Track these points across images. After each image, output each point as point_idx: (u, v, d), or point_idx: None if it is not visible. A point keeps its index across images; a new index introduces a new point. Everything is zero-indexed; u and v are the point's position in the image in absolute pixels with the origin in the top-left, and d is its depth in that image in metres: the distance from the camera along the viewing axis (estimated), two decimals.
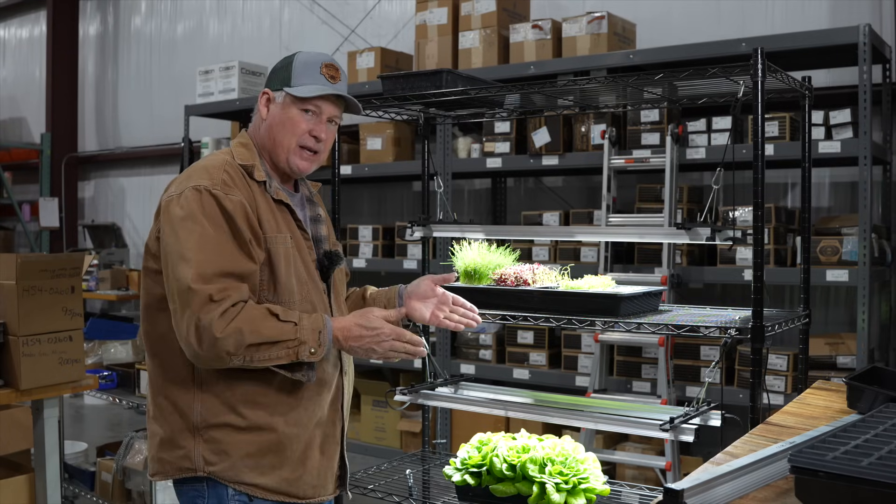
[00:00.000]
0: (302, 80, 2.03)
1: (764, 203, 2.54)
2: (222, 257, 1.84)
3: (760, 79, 2.48)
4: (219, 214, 1.87)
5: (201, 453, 1.92)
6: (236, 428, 1.92)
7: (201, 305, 1.80)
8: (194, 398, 1.93)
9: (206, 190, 1.88)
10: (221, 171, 1.94)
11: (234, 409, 1.92)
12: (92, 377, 3.61)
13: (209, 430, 1.92)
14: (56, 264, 3.31)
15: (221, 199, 1.88)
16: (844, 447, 1.27)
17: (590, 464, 2.56)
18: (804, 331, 3.02)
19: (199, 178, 1.91)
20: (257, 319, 1.82)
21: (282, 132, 2.04)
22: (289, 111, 2.04)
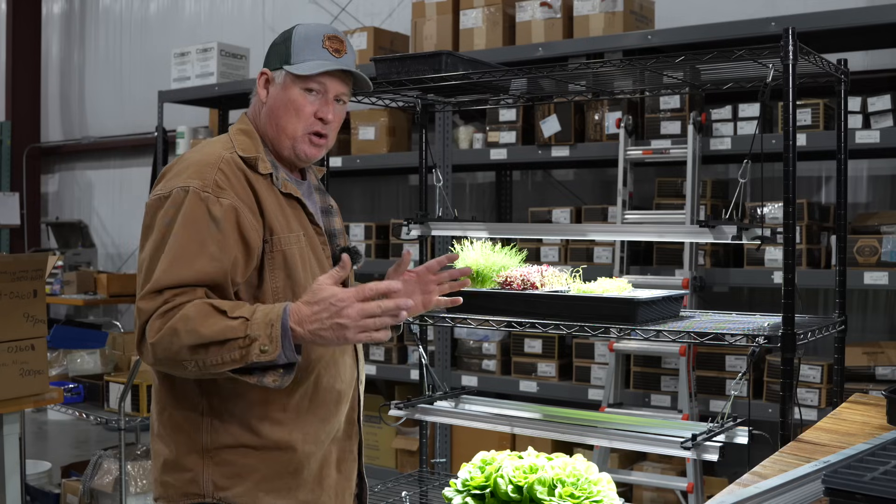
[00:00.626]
0: (303, 56, 1.98)
1: (795, 198, 2.54)
2: (182, 270, 1.79)
3: (792, 62, 2.48)
4: (204, 219, 1.82)
5: (210, 477, 1.90)
6: (252, 448, 1.90)
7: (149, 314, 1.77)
8: (203, 416, 1.90)
9: (196, 192, 1.84)
10: (215, 169, 1.88)
11: (249, 428, 1.90)
12: (56, 390, 3.61)
13: (221, 451, 1.90)
14: (16, 266, 3.31)
15: (210, 204, 1.83)
16: (884, 467, 1.27)
17: (604, 485, 2.56)
18: (840, 339, 3.02)
19: (189, 177, 1.86)
20: (195, 317, 1.72)
21: (285, 117, 1.99)
22: (290, 92, 1.98)
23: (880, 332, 4.68)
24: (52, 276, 7.45)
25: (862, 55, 4.68)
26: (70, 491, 4.55)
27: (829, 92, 3.80)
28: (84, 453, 6.02)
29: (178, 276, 1.78)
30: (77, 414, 4.43)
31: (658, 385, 4.53)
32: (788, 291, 2.53)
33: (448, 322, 3.02)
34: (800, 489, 1.39)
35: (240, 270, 1.86)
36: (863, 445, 1.60)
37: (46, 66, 9.58)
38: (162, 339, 1.74)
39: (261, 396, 1.89)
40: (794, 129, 2.53)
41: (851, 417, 2.03)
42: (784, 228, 2.55)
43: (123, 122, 8.70)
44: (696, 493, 3.95)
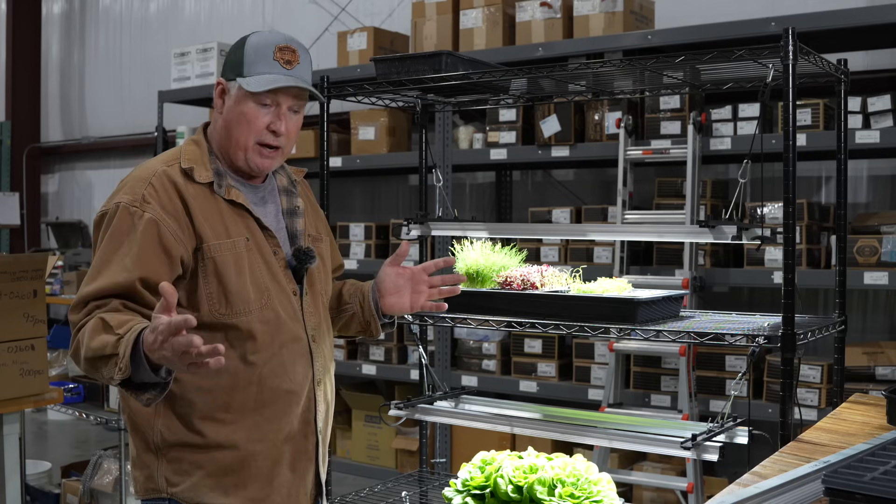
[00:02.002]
0: (254, 69, 2.00)
1: (795, 198, 2.54)
2: (107, 278, 1.88)
3: (792, 62, 2.48)
4: (127, 231, 1.91)
5: (163, 473, 1.99)
6: (195, 447, 1.97)
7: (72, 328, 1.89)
8: (154, 416, 1.98)
9: (125, 207, 1.93)
10: (146, 184, 1.96)
11: (192, 427, 1.97)
12: (56, 390, 3.61)
13: (170, 449, 1.98)
14: (16, 266, 3.31)
15: (135, 218, 1.92)
16: (884, 467, 1.27)
17: (604, 485, 2.56)
18: (840, 339, 3.02)
19: (122, 194, 1.97)
20: (90, 331, 1.81)
21: (237, 129, 2.02)
22: (242, 106, 2.01)
23: (880, 332, 4.68)
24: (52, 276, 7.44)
25: (862, 55, 4.68)
26: (70, 491, 4.55)
27: (829, 92, 3.80)
28: (84, 453, 6.02)
29: (96, 287, 1.88)
30: (77, 414, 4.44)
31: (658, 385, 4.54)
32: (788, 291, 2.53)
33: (448, 322, 3.02)
34: (800, 489, 1.39)
35: (164, 277, 1.89)
36: (863, 445, 1.60)
37: (46, 66, 9.57)
38: (74, 352, 1.87)
39: (206, 397, 1.96)
40: (794, 129, 2.53)
41: (851, 417, 2.03)
42: (784, 228, 2.55)
43: (123, 122, 8.69)
44: (696, 493, 3.95)
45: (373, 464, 5.58)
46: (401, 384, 5.72)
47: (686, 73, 3.04)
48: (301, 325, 2.07)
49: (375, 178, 6.63)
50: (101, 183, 9.20)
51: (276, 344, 2.01)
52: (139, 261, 1.88)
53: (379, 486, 3.38)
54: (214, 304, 1.95)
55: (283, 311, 2.03)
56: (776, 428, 2.55)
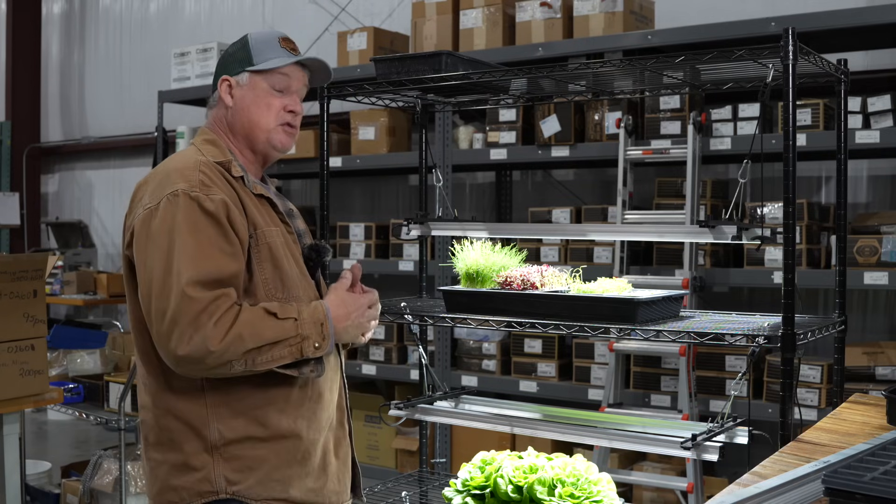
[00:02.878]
0: (265, 56, 2.08)
1: (795, 198, 2.54)
2: (207, 265, 1.85)
3: (791, 62, 2.48)
4: (201, 218, 1.89)
5: (222, 473, 1.93)
6: (260, 439, 1.95)
7: (192, 320, 1.81)
8: (208, 414, 1.94)
9: (185, 193, 1.90)
10: (197, 170, 1.95)
11: (255, 420, 1.95)
12: (56, 390, 3.61)
13: (229, 446, 1.94)
14: (16, 266, 3.31)
15: (202, 202, 1.90)
16: (884, 467, 1.27)
17: (604, 485, 2.56)
18: (840, 339, 3.02)
19: (174, 183, 1.92)
20: (256, 322, 1.85)
21: (257, 112, 2.08)
22: (258, 90, 2.08)
23: (880, 332, 4.68)
24: (52, 276, 7.45)
25: (862, 55, 4.68)
26: (70, 491, 4.55)
27: (829, 92, 3.80)
28: (84, 453, 6.02)
29: (208, 273, 1.84)
30: (77, 414, 4.44)
31: (658, 385, 4.54)
32: (788, 291, 2.53)
33: (448, 322, 3.02)
34: (800, 489, 1.39)
35: (243, 265, 1.95)
36: (863, 445, 1.60)
37: (46, 66, 9.57)
38: (229, 346, 1.82)
39: (263, 389, 1.94)
40: (794, 129, 2.53)
41: (851, 417, 2.04)
42: (784, 228, 2.55)
43: (123, 122, 8.69)
44: (696, 493, 3.95)
45: (373, 464, 5.58)
46: (401, 384, 5.71)
47: (686, 73, 3.04)
48: None
49: (375, 178, 6.63)
50: (101, 183, 9.20)
51: None
52: (234, 245, 1.91)
53: (379, 486, 3.38)
54: (271, 288, 1.98)
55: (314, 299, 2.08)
56: (776, 428, 2.55)
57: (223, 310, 1.83)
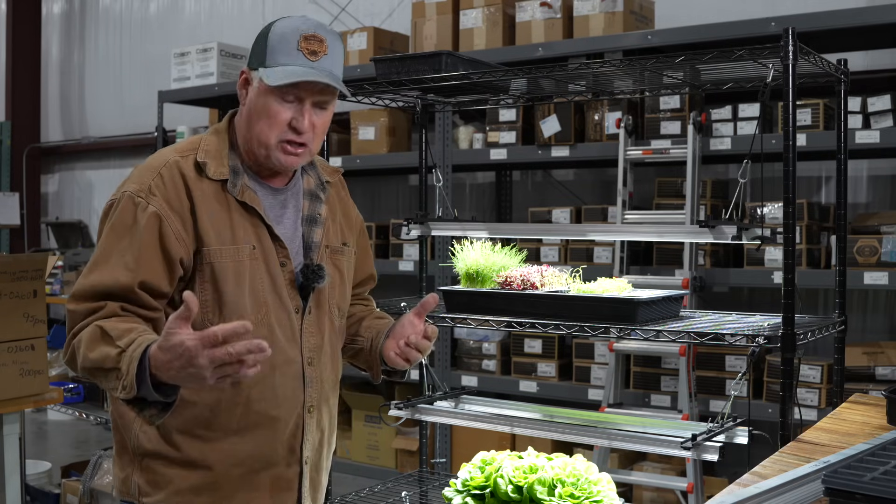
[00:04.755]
0: (277, 59, 1.85)
1: (795, 199, 2.54)
2: (101, 275, 1.80)
3: (791, 62, 2.48)
4: (130, 224, 1.82)
5: (137, 480, 1.90)
6: (169, 460, 1.88)
7: (69, 326, 1.83)
8: (133, 422, 1.89)
9: (129, 197, 1.84)
10: (155, 174, 1.85)
11: (168, 440, 1.87)
12: (56, 390, 3.61)
13: (145, 458, 1.89)
14: (16, 266, 3.30)
15: (137, 209, 1.83)
16: (884, 467, 1.27)
17: (604, 485, 2.55)
18: (840, 339, 3.02)
19: (131, 182, 1.88)
20: (88, 342, 1.73)
21: (258, 124, 1.88)
22: (263, 99, 1.87)
23: (880, 332, 4.68)
24: (52, 276, 7.44)
25: (862, 55, 4.68)
26: (70, 491, 4.55)
27: (829, 92, 3.80)
28: (84, 453, 6.01)
29: (96, 280, 1.79)
30: (77, 414, 4.44)
31: (658, 385, 4.54)
32: (788, 291, 2.53)
33: (448, 322, 3.02)
34: (800, 489, 1.39)
35: (163, 281, 1.82)
36: (863, 445, 1.60)
37: (46, 66, 9.57)
38: (69, 359, 1.80)
39: (188, 411, 1.84)
40: (794, 129, 2.53)
41: (851, 417, 2.03)
42: (784, 228, 2.55)
43: (123, 123, 8.69)
44: (696, 493, 3.95)
45: (373, 464, 5.58)
46: (401, 384, 5.71)
47: (686, 73, 3.04)
48: (297, 346, 1.94)
49: (375, 178, 6.63)
50: (101, 183, 9.20)
51: (268, 364, 1.82)
52: (141, 260, 1.78)
53: (379, 486, 3.38)
54: (207, 311, 1.83)
55: (279, 329, 1.90)
56: (776, 428, 2.55)
57: (90, 320, 1.77)
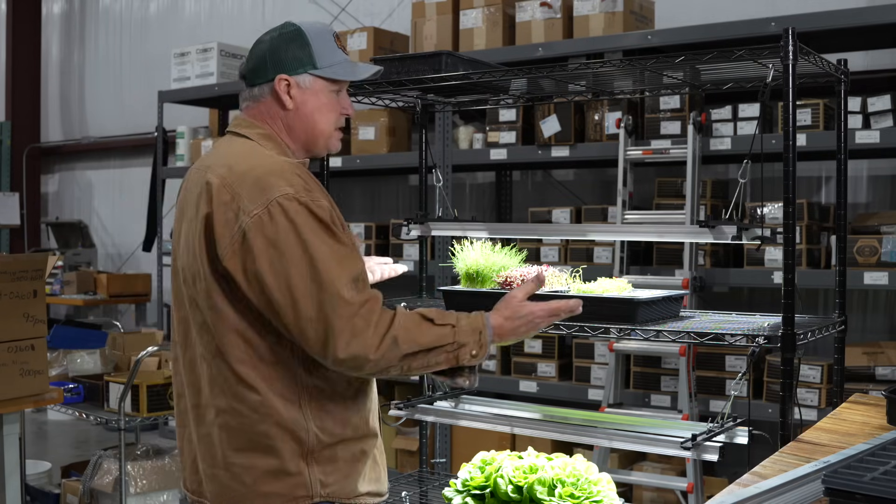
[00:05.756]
0: (327, 59, 2.04)
1: (795, 199, 2.54)
2: (349, 266, 1.83)
3: (791, 62, 2.48)
4: (318, 223, 1.85)
5: (317, 476, 1.93)
6: (350, 440, 1.97)
7: (347, 324, 1.80)
8: (306, 419, 1.92)
9: (294, 198, 1.84)
10: (293, 174, 1.89)
11: (347, 422, 1.97)
12: (56, 390, 3.61)
13: (325, 449, 1.94)
14: (16, 266, 3.31)
15: (311, 207, 1.85)
16: (884, 467, 1.27)
17: (604, 485, 2.56)
18: (840, 339, 3.02)
19: (277, 186, 1.85)
20: (412, 327, 1.86)
21: (321, 118, 2.05)
22: (322, 96, 2.04)
23: (880, 332, 4.68)
24: (52, 276, 7.45)
25: (862, 55, 4.68)
26: (70, 491, 4.55)
27: (829, 92, 3.80)
28: (84, 453, 6.02)
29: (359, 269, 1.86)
30: (77, 414, 4.43)
31: (658, 385, 4.53)
32: (788, 291, 2.53)
33: None
34: (800, 489, 1.39)
35: None
36: (863, 445, 1.60)
37: (46, 66, 9.58)
38: (386, 352, 1.82)
39: (353, 391, 1.97)
40: (794, 129, 2.53)
41: (851, 417, 2.04)
42: (784, 228, 2.55)
43: (123, 122, 8.70)
44: (696, 493, 3.95)
45: None
46: (401, 384, 5.72)
47: (686, 73, 3.04)
48: None
49: (375, 178, 6.63)
50: (100, 183, 9.20)
51: None
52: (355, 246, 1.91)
53: None
54: None
55: None
56: (776, 428, 2.55)
57: (377, 313, 1.83)
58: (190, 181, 2.02)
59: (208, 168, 1.95)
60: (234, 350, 1.91)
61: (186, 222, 1.97)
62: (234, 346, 1.91)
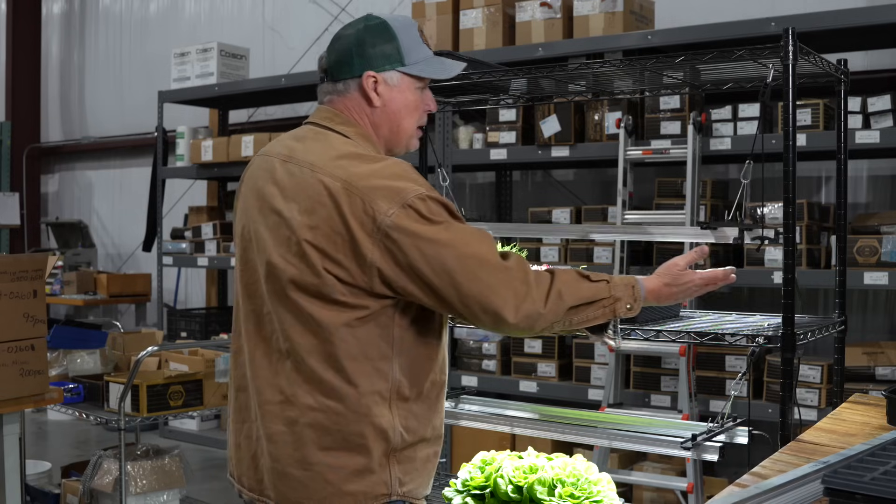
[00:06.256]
0: (415, 56, 1.99)
1: (795, 199, 2.54)
2: (487, 239, 1.89)
3: (791, 62, 2.48)
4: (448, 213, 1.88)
5: (397, 475, 1.93)
6: (427, 441, 1.98)
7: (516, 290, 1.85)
8: (394, 418, 1.91)
9: (429, 197, 1.86)
10: (413, 173, 1.91)
11: (428, 423, 1.98)
12: (56, 390, 3.61)
13: (406, 449, 1.93)
14: (16, 266, 3.31)
15: (441, 200, 1.87)
16: (884, 467, 1.27)
17: (604, 485, 2.56)
18: (840, 339, 3.02)
19: (411, 186, 1.85)
20: (571, 282, 1.92)
21: (407, 117, 2.02)
22: (409, 94, 2.00)
23: (880, 332, 4.68)
24: (52, 276, 7.45)
25: (862, 55, 4.68)
26: (70, 491, 4.55)
27: (829, 92, 3.80)
28: (84, 453, 6.01)
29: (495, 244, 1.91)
30: (77, 414, 4.44)
31: (658, 385, 4.54)
32: (788, 291, 2.53)
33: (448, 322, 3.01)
34: (800, 489, 1.39)
35: None
36: (862, 446, 1.60)
37: (46, 66, 9.58)
38: (553, 306, 1.88)
39: (436, 392, 1.98)
40: (794, 129, 2.53)
41: (851, 417, 2.04)
42: (784, 228, 2.55)
43: (123, 123, 8.70)
44: (696, 493, 3.95)
45: None
46: None
47: (686, 73, 3.04)
48: None
49: None
50: (100, 183, 9.20)
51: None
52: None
53: None
54: None
55: None
56: (776, 428, 2.55)
57: (531, 272, 1.88)
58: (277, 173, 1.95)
59: (313, 166, 1.89)
60: (336, 347, 1.88)
61: (276, 216, 1.91)
62: (339, 343, 1.88)
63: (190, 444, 6.34)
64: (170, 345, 4.76)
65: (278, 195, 1.92)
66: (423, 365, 1.95)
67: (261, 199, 1.97)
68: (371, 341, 1.89)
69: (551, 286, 1.89)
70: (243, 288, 2.01)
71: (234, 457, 2.04)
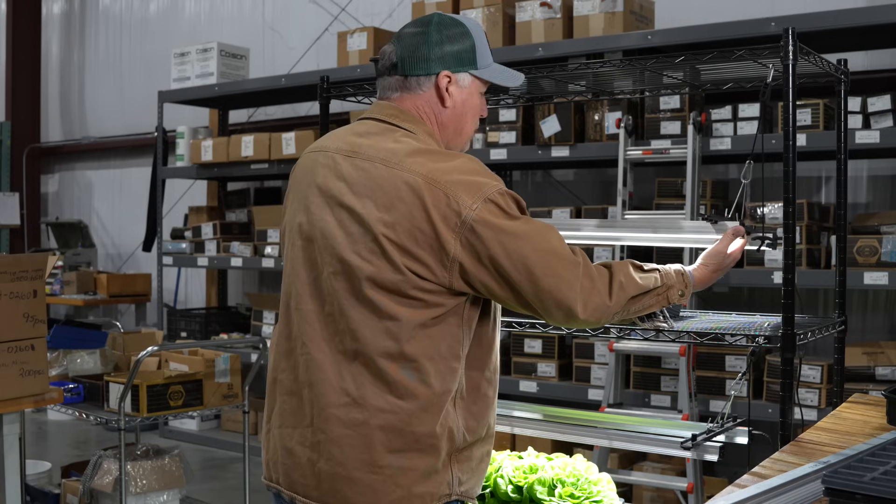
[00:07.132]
0: (485, 60, 2.02)
1: (795, 199, 2.54)
2: (557, 234, 1.92)
3: (791, 62, 2.48)
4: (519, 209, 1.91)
5: (457, 474, 1.92)
6: (483, 440, 1.99)
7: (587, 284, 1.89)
8: (458, 418, 1.91)
9: (507, 193, 1.89)
10: (487, 169, 1.93)
11: (486, 422, 1.98)
12: (56, 390, 3.61)
13: (466, 449, 1.93)
14: (16, 266, 3.31)
15: (515, 196, 1.91)
16: (884, 467, 1.27)
17: (604, 485, 2.56)
18: (840, 339, 3.02)
19: (489, 183, 1.86)
20: (630, 274, 1.98)
21: (471, 120, 2.06)
22: (475, 97, 2.04)
23: (880, 332, 4.68)
24: (52, 276, 7.45)
25: (862, 55, 4.68)
26: (70, 491, 4.55)
27: (829, 92, 3.80)
28: (84, 453, 6.02)
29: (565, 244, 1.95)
30: (77, 414, 4.44)
31: (658, 385, 4.54)
32: (788, 291, 2.53)
33: None
34: (800, 489, 1.39)
35: None
36: (863, 445, 1.60)
37: (46, 66, 9.58)
38: (617, 298, 1.94)
39: (493, 392, 1.99)
40: (794, 129, 2.53)
41: (851, 417, 2.04)
42: (784, 228, 2.55)
43: (123, 122, 8.70)
44: (696, 493, 3.95)
45: None
46: None
47: (686, 73, 3.04)
48: None
49: None
50: (100, 183, 9.20)
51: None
52: None
53: None
54: None
55: None
56: (776, 428, 2.55)
57: (593, 266, 1.93)
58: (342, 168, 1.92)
59: (387, 161, 1.87)
60: (411, 346, 1.85)
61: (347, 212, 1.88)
62: (414, 342, 1.85)
63: (190, 444, 6.35)
64: (170, 345, 4.76)
65: (348, 191, 1.89)
66: (483, 364, 1.96)
67: (326, 195, 1.92)
68: (444, 340, 1.88)
69: (612, 278, 1.94)
70: (304, 287, 1.94)
71: (282, 462, 1.96)
